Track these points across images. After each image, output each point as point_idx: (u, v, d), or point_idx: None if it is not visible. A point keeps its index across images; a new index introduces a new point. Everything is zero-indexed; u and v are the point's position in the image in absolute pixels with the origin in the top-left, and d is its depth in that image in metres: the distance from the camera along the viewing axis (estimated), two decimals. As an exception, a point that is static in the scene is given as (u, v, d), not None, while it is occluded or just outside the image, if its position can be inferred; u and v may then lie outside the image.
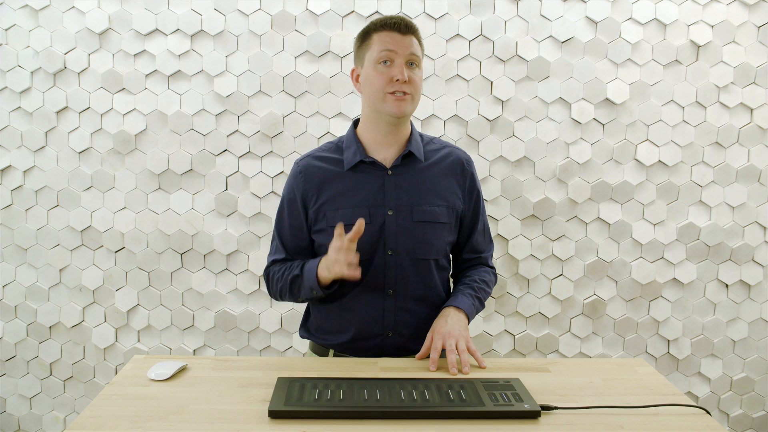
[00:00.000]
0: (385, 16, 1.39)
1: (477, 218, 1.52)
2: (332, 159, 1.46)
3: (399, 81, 1.33)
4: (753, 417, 2.38)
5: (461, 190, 1.48)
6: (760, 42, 2.21)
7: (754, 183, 2.27)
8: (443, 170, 1.46)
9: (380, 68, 1.35)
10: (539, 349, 2.33)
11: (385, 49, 1.35)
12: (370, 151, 1.44)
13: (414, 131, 1.47)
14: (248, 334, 2.30)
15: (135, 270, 2.27)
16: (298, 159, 1.50)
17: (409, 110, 1.38)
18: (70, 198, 2.24)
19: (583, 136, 2.24)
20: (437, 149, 1.49)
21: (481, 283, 1.50)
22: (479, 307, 1.49)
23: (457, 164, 1.48)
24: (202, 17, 2.17)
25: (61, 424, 2.34)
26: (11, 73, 2.18)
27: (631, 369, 1.32)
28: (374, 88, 1.36)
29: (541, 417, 1.07)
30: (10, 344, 2.31)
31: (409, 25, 1.37)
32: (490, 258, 1.57)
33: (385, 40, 1.35)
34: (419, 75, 1.39)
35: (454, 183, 1.46)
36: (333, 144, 1.49)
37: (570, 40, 2.20)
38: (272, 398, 1.09)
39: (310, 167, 1.46)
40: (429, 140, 1.51)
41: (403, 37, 1.35)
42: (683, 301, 2.32)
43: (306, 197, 1.44)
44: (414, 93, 1.37)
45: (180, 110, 2.20)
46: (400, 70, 1.34)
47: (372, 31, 1.38)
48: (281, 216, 1.49)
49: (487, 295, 1.51)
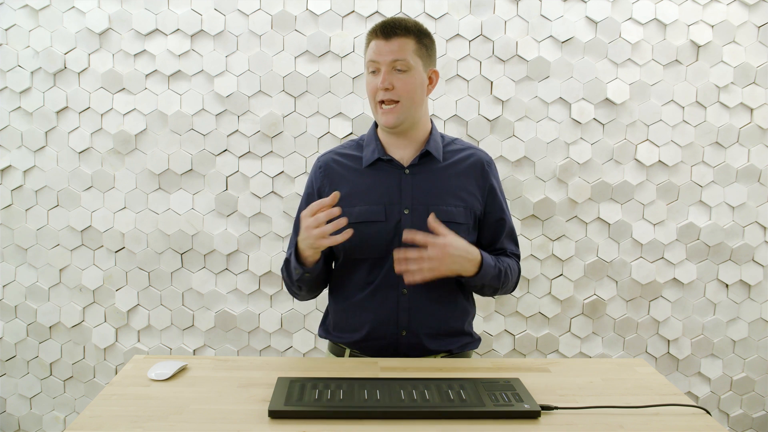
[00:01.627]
0: (379, 22, 1.37)
1: (500, 219, 1.48)
2: (352, 156, 1.46)
3: (381, 89, 1.34)
4: (753, 417, 2.38)
5: (480, 192, 1.46)
6: (760, 42, 2.21)
7: (754, 183, 2.27)
8: (462, 171, 1.45)
9: (369, 78, 1.38)
10: (539, 349, 2.33)
11: (370, 59, 1.37)
12: (389, 150, 1.44)
13: (434, 131, 1.46)
14: (248, 334, 2.30)
15: (135, 270, 2.27)
16: (320, 155, 1.52)
17: (399, 119, 1.37)
18: (70, 198, 2.24)
19: (583, 136, 2.24)
20: (458, 150, 1.48)
21: (502, 261, 1.43)
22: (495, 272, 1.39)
23: (478, 165, 1.46)
24: (202, 17, 2.17)
25: (61, 424, 2.34)
26: (11, 73, 2.18)
27: (631, 369, 1.32)
28: (368, 96, 1.41)
29: (541, 417, 1.07)
30: (10, 344, 2.31)
31: (395, 28, 1.34)
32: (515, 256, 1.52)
33: (372, 49, 1.36)
34: (408, 79, 1.35)
35: (473, 184, 1.45)
36: (355, 142, 1.51)
37: (570, 40, 2.20)
38: (272, 398, 1.09)
39: (330, 163, 1.47)
40: (450, 141, 1.50)
41: (387, 43, 1.34)
42: (683, 301, 2.32)
43: (323, 192, 1.45)
44: (402, 99, 1.36)
45: (180, 110, 2.20)
46: (382, 78, 1.34)
47: (367, 38, 1.39)
48: (300, 210, 1.49)
49: (505, 272, 1.42)
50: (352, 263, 1.44)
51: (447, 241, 1.28)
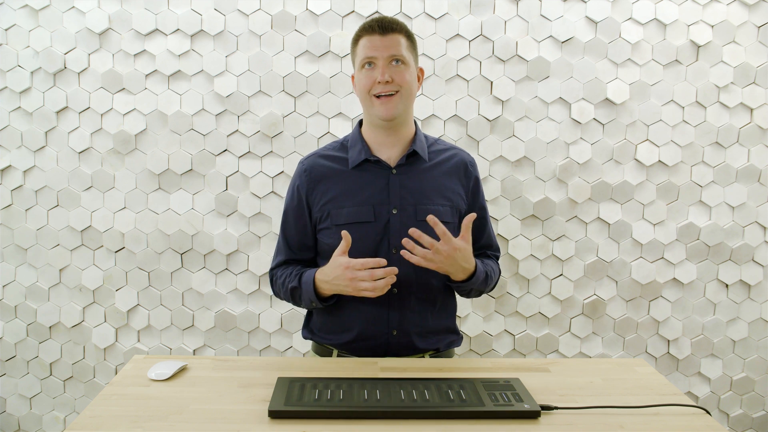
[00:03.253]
0: (370, 19, 1.41)
1: (482, 218, 1.51)
2: (337, 158, 1.47)
3: (381, 83, 1.36)
4: (753, 417, 2.38)
5: (465, 191, 1.49)
6: (760, 42, 2.20)
7: (754, 183, 2.27)
8: (447, 171, 1.47)
9: (364, 72, 1.39)
10: (539, 349, 2.33)
11: (365, 54, 1.38)
12: (375, 150, 1.45)
13: (419, 131, 1.49)
14: (248, 334, 2.30)
15: (135, 270, 2.27)
16: (303, 158, 1.51)
17: (399, 110, 1.39)
18: (70, 198, 2.24)
19: (583, 136, 2.24)
20: (441, 150, 1.50)
21: (486, 264, 1.47)
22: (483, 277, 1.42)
23: (461, 165, 1.50)
24: (202, 17, 2.17)
25: (61, 424, 2.34)
26: (11, 73, 2.18)
27: (631, 369, 1.32)
28: (361, 91, 1.41)
29: (541, 417, 1.07)
30: (10, 344, 2.31)
31: (390, 24, 1.38)
32: (495, 257, 1.57)
33: (366, 45, 1.38)
34: (406, 72, 1.39)
35: (457, 184, 1.48)
36: (338, 143, 1.51)
37: (570, 40, 2.20)
38: (272, 398, 1.09)
39: (315, 165, 1.47)
40: (433, 141, 1.52)
41: (383, 38, 1.37)
42: (683, 301, 2.32)
43: (310, 195, 1.45)
44: (402, 89, 1.38)
45: (180, 110, 2.20)
46: (381, 71, 1.36)
47: (358, 35, 1.41)
48: (286, 215, 1.51)
49: (491, 275, 1.47)
50: None
51: (460, 245, 1.30)
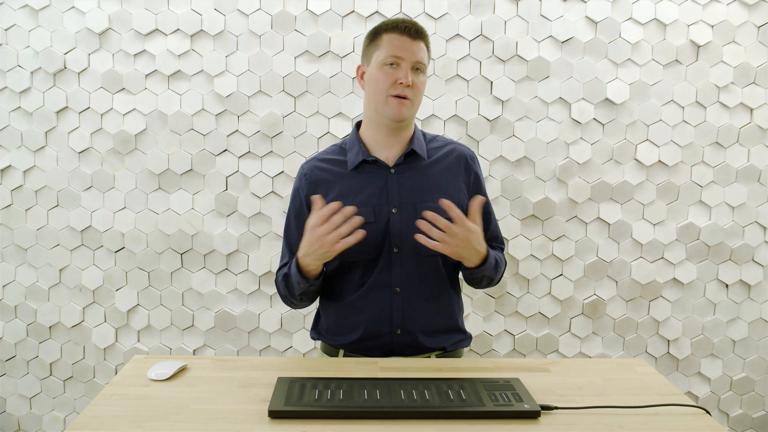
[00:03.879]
0: (398, 19, 1.40)
1: (486, 213, 1.50)
2: (336, 161, 1.47)
3: (402, 84, 1.36)
4: (753, 417, 2.38)
5: (466, 186, 1.48)
6: (760, 42, 2.21)
7: (754, 183, 2.27)
8: (447, 167, 1.47)
9: (386, 69, 1.37)
10: (539, 349, 2.33)
11: (392, 52, 1.37)
12: (373, 150, 1.45)
13: (417, 130, 1.49)
14: (248, 334, 2.30)
15: (135, 270, 2.27)
16: (303, 162, 1.52)
17: (408, 114, 1.40)
18: (70, 198, 2.24)
19: (583, 136, 2.24)
20: (440, 146, 1.50)
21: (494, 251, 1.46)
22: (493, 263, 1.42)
23: (461, 160, 1.49)
24: (202, 17, 2.17)
25: (61, 424, 2.34)
26: (11, 73, 2.18)
27: (631, 369, 1.32)
28: (378, 88, 1.39)
29: (541, 417, 1.07)
30: (10, 344, 2.31)
31: (420, 30, 1.39)
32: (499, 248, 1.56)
33: (395, 43, 1.37)
34: (423, 81, 1.41)
35: (459, 179, 1.47)
36: (337, 146, 1.51)
37: (570, 40, 2.20)
38: (272, 398, 1.09)
39: (315, 170, 1.47)
40: (432, 138, 1.52)
41: (413, 42, 1.37)
42: (683, 301, 2.32)
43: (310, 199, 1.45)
44: (414, 98, 1.39)
45: (180, 110, 2.20)
46: (405, 73, 1.36)
47: (383, 31, 1.39)
48: (288, 220, 1.51)
49: (499, 263, 1.46)
50: (344, 266, 1.45)
51: (474, 228, 1.31)
